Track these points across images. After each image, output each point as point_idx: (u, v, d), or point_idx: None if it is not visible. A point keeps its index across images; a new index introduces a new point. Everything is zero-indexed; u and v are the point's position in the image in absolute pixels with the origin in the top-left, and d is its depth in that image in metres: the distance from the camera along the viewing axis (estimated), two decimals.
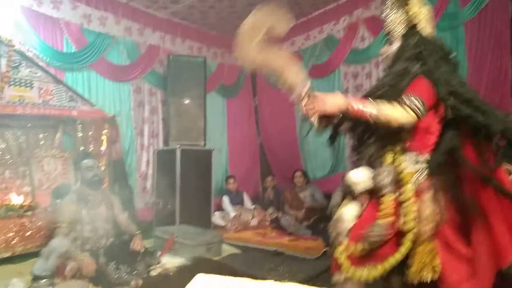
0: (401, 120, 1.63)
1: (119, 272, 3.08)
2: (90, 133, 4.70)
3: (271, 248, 4.17)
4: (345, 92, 5.60)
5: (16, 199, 4.33)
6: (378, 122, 1.64)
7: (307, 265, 3.55)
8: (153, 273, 3.27)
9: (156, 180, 5.46)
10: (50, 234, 3.44)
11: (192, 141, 5.57)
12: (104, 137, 4.64)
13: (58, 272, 3.06)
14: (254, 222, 5.45)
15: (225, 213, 5.53)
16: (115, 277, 3.04)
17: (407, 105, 1.63)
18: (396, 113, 1.63)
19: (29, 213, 4.04)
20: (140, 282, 2.99)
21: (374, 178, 1.78)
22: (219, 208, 5.66)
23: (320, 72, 5.99)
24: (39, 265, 2.93)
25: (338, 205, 4.65)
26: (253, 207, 5.76)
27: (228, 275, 1.51)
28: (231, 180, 5.89)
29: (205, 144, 5.67)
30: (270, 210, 5.59)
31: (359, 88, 5.61)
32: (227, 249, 4.21)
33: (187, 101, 5.66)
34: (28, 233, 3.86)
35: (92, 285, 2.95)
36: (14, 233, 3.79)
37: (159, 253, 3.71)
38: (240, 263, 3.74)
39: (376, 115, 1.62)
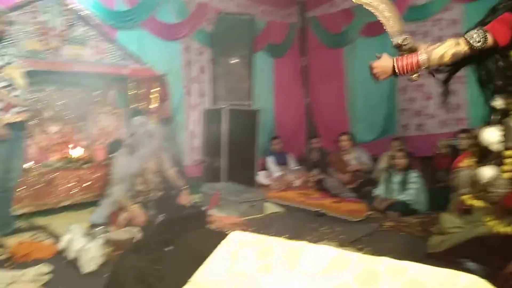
0: (450, 51, 1.64)
1: None
2: (141, 91, 4.86)
3: (313, 209, 4.20)
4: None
5: (75, 152, 4.64)
6: (433, 63, 1.68)
7: (349, 227, 3.56)
8: None
9: (203, 139, 5.60)
10: (105, 185, 3.68)
11: (239, 100, 5.60)
12: (154, 95, 4.78)
13: (112, 221, 3.31)
14: (297, 182, 5.47)
15: (269, 173, 5.60)
16: None
17: (463, 36, 1.64)
18: (445, 47, 1.65)
19: (87, 165, 4.33)
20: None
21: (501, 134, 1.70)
22: (264, 168, 5.74)
23: (374, 31, 5.66)
24: (95, 214, 3.17)
25: (385, 169, 4.56)
26: (297, 168, 5.77)
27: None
28: (276, 141, 5.91)
29: (251, 104, 5.69)
30: (314, 171, 5.58)
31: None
32: (270, 207, 4.30)
33: (234, 61, 5.63)
34: (86, 184, 4.17)
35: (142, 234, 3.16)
36: (73, 183, 4.10)
37: (205, 207, 3.88)
38: (282, 221, 3.81)
39: (427, 58, 1.67)
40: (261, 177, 5.48)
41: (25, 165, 4.03)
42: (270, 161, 5.70)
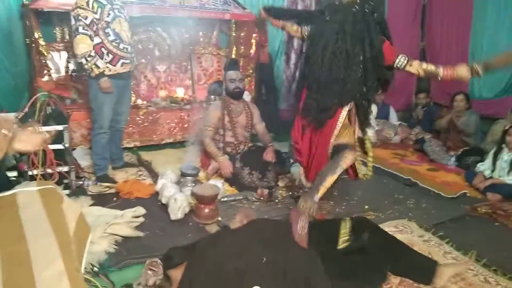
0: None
1: (251, 177, 3.41)
2: (242, 34, 4.86)
3: (404, 176, 3.97)
4: None
5: (179, 92, 4.98)
6: None
7: (437, 205, 3.29)
8: (280, 183, 3.54)
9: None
10: (198, 130, 3.92)
11: None
12: (253, 41, 4.75)
13: (203, 165, 3.59)
14: (396, 139, 5.17)
15: None
16: (248, 181, 3.41)
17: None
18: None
19: (188, 106, 4.65)
20: (266, 191, 3.28)
21: None
22: None
23: None
24: (186, 163, 3.45)
25: (496, 141, 3.98)
26: (398, 123, 5.41)
27: None
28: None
29: None
30: (416, 129, 5.18)
31: None
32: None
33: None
34: (185, 125, 4.51)
35: (227, 184, 3.39)
36: (175, 124, 4.48)
37: (291, 160, 3.92)
38: (367, 187, 3.68)
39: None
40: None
41: (137, 102, 4.51)
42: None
